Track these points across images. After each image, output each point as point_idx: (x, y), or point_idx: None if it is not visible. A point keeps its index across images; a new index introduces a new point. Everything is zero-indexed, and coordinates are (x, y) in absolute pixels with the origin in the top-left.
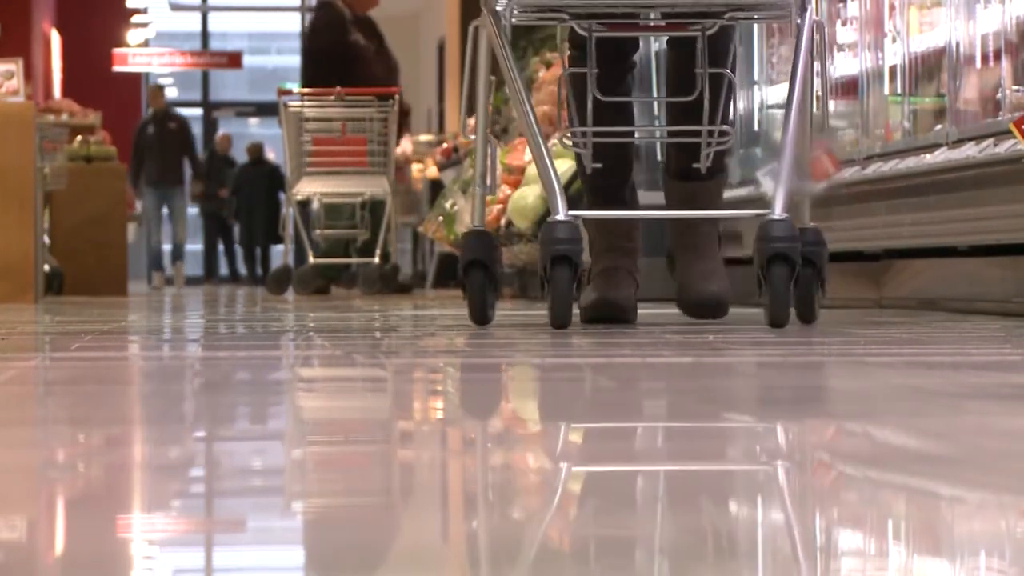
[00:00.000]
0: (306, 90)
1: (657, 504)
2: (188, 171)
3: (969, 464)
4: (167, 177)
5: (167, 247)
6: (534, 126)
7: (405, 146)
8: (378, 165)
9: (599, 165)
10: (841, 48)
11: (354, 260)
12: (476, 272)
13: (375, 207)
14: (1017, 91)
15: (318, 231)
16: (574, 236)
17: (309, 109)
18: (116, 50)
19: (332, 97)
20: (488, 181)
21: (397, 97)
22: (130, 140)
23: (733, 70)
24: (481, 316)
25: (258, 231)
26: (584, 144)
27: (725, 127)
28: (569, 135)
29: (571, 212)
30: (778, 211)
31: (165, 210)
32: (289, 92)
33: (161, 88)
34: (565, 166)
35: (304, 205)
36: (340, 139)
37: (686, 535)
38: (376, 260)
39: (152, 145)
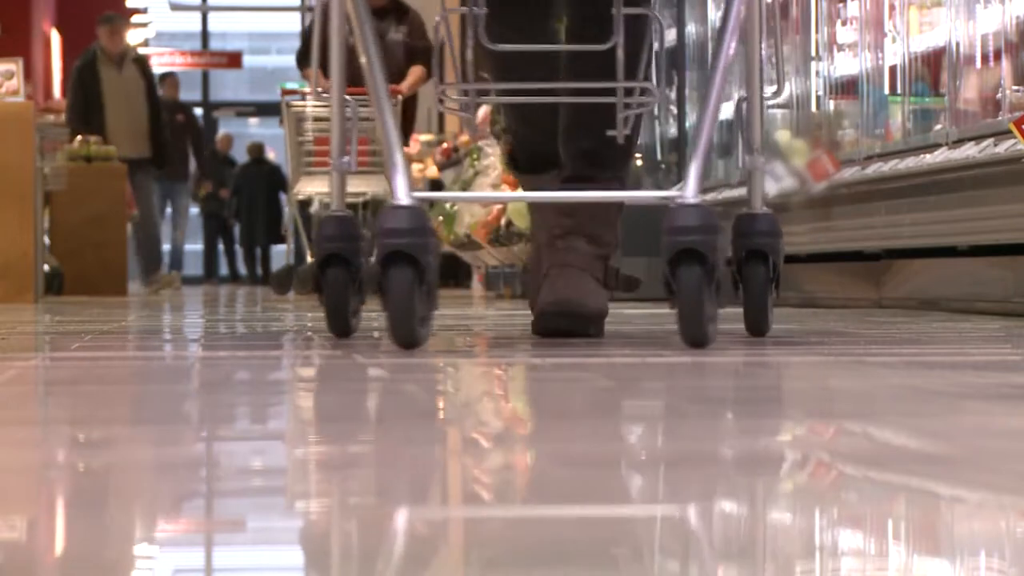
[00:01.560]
0: (307, 90)
1: (656, 504)
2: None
3: (969, 464)
4: (172, 172)
5: (166, 247)
6: (379, 83)
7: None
8: (380, 165)
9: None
10: (841, 48)
11: None
12: (335, 270)
13: (377, 207)
14: (1017, 91)
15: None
16: (416, 226)
17: (311, 108)
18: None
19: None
20: (347, 156)
21: (399, 97)
22: None
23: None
24: (341, 325)
25: (258, 231)
26: (468, 105)
27: (647, 84)
28: (444, 94)
29: (417, 194)
30: (690, 194)
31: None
32: (293, 92)
33: (176, 78)
34: None
35: (305, 205)
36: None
37: (685, 534)
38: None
39: None
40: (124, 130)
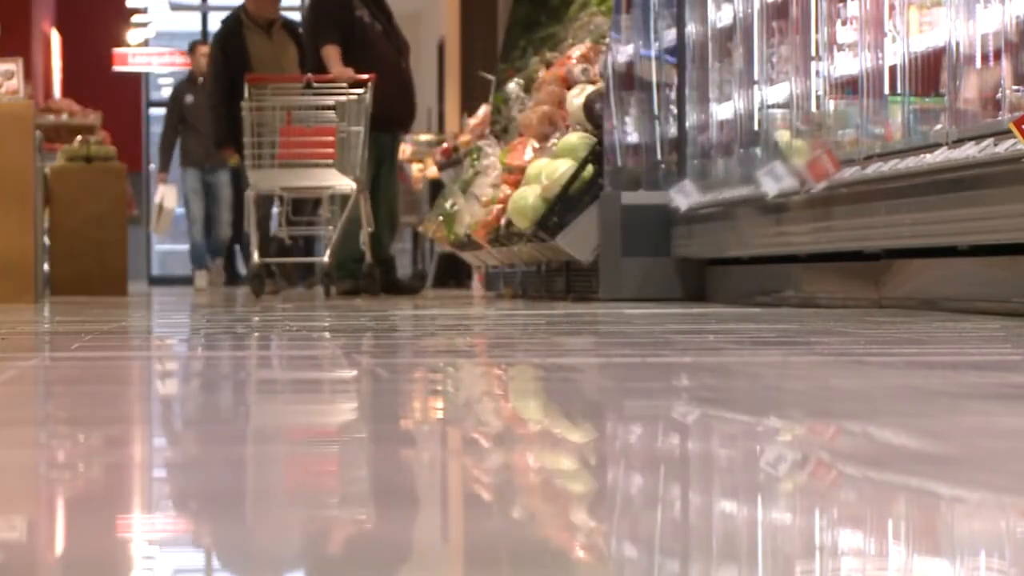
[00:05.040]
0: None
1: (657, 504)
2: None
3: (969, 464)
4: (213, 156)
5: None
6: None
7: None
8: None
9: None
10: (841, 48)
11: (311, 259)
12: None
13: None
14: (1017, 91)
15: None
16: None
17: (280, 97)
18: (116, 50)
19: (301, 84)
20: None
21: (370, 85)
22: (130, 139)
23: None
24: None
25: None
26: None
27: None
28: None
29: None
30: None
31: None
32: (260, 78)
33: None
34: (565, 166)
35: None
36: (310, 129)
37: (686, 535)
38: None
39: (194, 117)
40: None
